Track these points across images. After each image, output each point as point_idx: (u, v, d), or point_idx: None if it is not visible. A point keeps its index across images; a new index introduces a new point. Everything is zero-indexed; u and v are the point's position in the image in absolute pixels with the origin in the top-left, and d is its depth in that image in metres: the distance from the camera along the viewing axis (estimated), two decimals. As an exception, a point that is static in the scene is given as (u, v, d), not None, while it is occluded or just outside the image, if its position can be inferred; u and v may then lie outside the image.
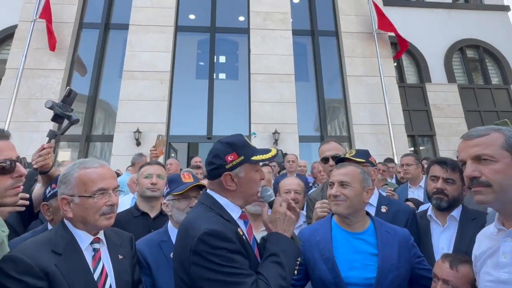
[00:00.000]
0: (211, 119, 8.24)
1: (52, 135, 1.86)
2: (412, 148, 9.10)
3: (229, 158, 1.27)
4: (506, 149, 1.05)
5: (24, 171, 1.18)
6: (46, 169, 1.81)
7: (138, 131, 7.42)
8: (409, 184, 3.66)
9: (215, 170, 1.28)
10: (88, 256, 1.27)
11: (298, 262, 1.29)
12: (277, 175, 4.63)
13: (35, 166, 1.76)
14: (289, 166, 4.58)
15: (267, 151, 1.35)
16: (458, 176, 1.82)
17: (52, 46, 7.83)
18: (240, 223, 1.32)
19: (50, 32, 7.77)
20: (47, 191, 1.66)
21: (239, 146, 1.29)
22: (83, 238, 1.28)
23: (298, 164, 4.78)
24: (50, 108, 1.82)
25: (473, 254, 1.26)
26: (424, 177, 3.70)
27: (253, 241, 1.37)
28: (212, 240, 1.12)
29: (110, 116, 8.39)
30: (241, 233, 1.25)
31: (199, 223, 1.17)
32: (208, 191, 1.34)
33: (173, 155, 8.45)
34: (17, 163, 1.16)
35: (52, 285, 1.12)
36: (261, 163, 1.36)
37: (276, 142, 7.68)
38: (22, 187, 1.20)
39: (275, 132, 7.77)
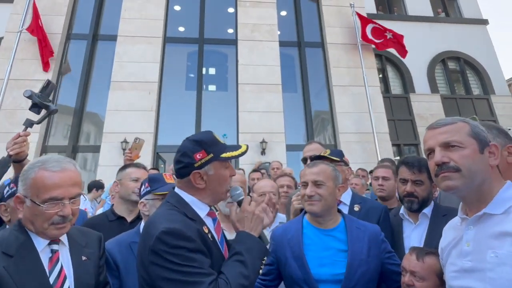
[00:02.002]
0: (199, 129, 8.26)
1: (28, 123, 1.86)
2: (398, 157, 9.25)
3: (198, 156, 1.24)
4: (472, 137, 1.09)
5: None
6: (22, 157, 1.80)
7: (125, 141, 7.38)
8: None
9: (184, 168, 1.25)
10: (45, 258, 1.19)
11: (264, 262, 1.26)
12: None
13: (10, 153, 1.74)
14: (274, 173, 4.61)
15: (237, 147, 1.33)
16: (426, 176, 1.85)
17: (46, 59, 7.76)
18: (208, 221, 1.30)
19: (43, 45, 7.73)
20: (5, 191, 1.61)
21: (207, 144, 1.27)
22: (40, 239, 1.20)
23: (284, 171, 4.81)
24: (29, 97, 1.83)
25: (439, 247, 1.27)
26: None
27: (222, 238, 1.35)
28: (170, 239, 1.09)
29: (98, 127, 8.34)
30: (206, 231, 1.23)
31: (159, 222, 1.15)
32: (176, 189, 1.31)
33: (162, 165, 8.41)
34: None
35: None
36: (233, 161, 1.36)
37: (263, 151, 7.73)
38: None
39: (263, 141, 7.83)
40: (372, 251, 1.56)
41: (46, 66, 7.87)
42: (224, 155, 1.27)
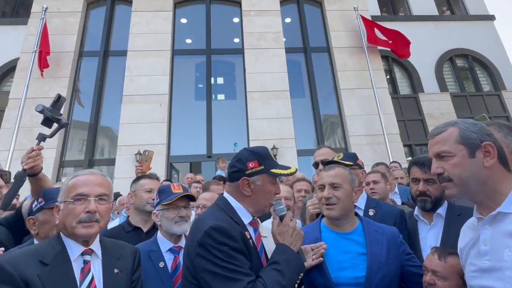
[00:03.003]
0: (211, 138, 8.38)
1: (41, 138, 1.92)
2: (410, 157, 9.19)
3: (250, 164, 1.35)
4: (460, 143, 1.10)
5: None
6: (36, 171, 1.84)
7: (139, 153, 7.54)
8: None
9: (235, 173, 1.37)
10: (77, 267, 1.24)
11: (300, 277, 1.31)
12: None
13: (25, 167, 1.79)
14: (286, 179, 4.65)
15: (286, 167, 1.42)
16: None
17: (43, 69, 7.89)
18: (250, 229, 1.38)
19: (42, 59, 7.90)
20: (34, 205, 1.69)
21: (262, 156, 1.38)
22: (73, 249, 1.26)
23: (296, 176, 4.83)
24: (41, 112, 1.88)
25: (458, 248, 1.28)
26: (396, 187, 3.78)
27: (261, 248, 1.40)
28: (217, 235, 1.19)
29: (112, 140, 8.54)
30: (248, 236, 1.30)
31: (208, 219, 1.26)
32: (225, 194, 1.42)
33: (175, 176, 8.53)
34: None
35: None
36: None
37: (275, 157, 7.79)
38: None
39: (274, 148, 7.89)
40: (392, 253, 1.56)
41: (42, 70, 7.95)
42: (273, 170, 1.37)
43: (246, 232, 1.30)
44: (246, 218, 1.36)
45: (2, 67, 9.37)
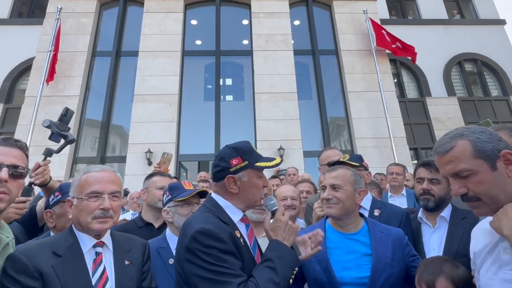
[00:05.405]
0: (219, 138, 8.53)
1: (47, 153, 1.89)
2: (416, 161, 9.23)
3: (234, 161, 1.31)
4: (478, 157, 1.01)
5: (5, 176, 1.13)
6: (45, 183, 1.85)
7: (149, 151, 7.73)
8: (390, 193, 3.69)
9: (220, 172, 1.34)
10: (89, 259, 1.27)
11: (295, 272, 1.29)
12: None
13: (36, 183, 1.80)
14: (290, 179, 4.75)
15: (271, 159, 1.39)
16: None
17: (50, 77, 8.01)
18: (241, 226, 1.36)
19: (53, 64, 8.07)
20: (51, 199, 1.74)
21: (244, 151, 1.34)
22: (85, 241, 1.30)
23: (302, 177, 4.94)
24: (48, 127, 1.88)
25: (471, 252, 1.22)
26: (404, 189, 3.79)
27: (254, 244, 1.39)
28: (204, 239, 1.17)
29: (123, 138, 8.76)
30: (239, 235, 1.28)
31: (195, 222, 1.24)
32: (212, 194, 1.39)
33: (184, 174, 8.70)
34: (3, 168, 1.14)
35: (45, 286, 1.15)
36: (265, 170, 1.39)
37: (281, 158, 7.90)
38: (5, 194, 1.16)
39: (280, 148, 8.01)
40: (397, 254, 1.57)
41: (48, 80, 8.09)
42: (258, 164, 1.34)
43: (236, 231, 1.28)
44: (236, 215, 1.34)
45: (19, 65, 9.65)
